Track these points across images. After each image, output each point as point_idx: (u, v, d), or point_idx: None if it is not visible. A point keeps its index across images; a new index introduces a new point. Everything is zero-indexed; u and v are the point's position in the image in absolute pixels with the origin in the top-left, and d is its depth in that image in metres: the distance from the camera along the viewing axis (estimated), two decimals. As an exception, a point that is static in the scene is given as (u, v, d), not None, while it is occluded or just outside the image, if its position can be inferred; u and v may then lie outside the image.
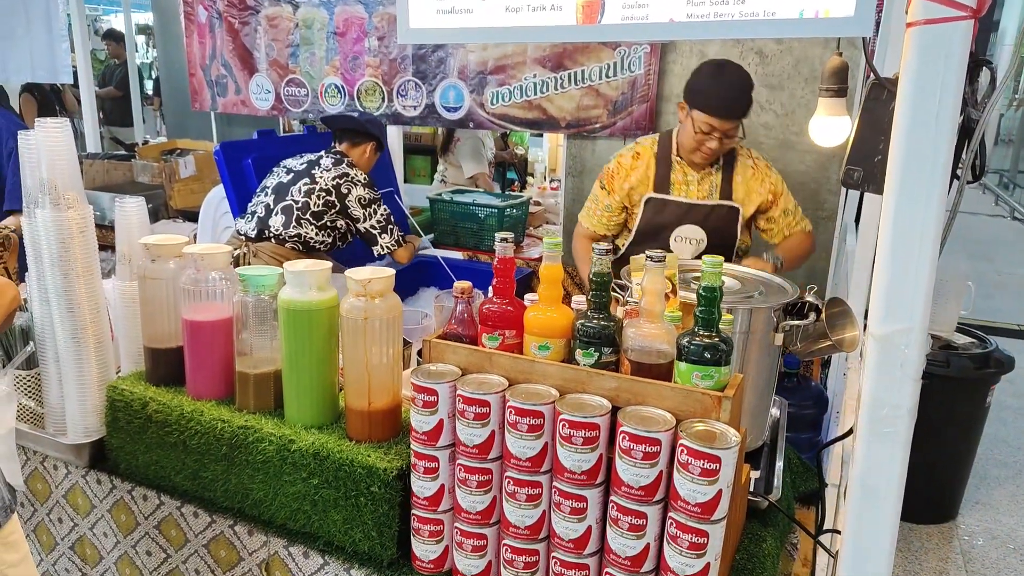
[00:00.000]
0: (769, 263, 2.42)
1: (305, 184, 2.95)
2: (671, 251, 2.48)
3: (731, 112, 2.38)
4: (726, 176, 2.57)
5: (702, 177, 2.57)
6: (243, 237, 3.03)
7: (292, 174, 3.02)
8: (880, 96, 1.16)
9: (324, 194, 2.94)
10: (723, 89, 2.38)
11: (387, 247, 3.02)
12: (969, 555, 3.14)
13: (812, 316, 1.55)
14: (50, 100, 6.71)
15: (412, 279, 3.75)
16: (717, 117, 2.38)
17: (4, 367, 1.75)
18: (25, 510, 1.91)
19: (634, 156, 2.62)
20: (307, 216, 2.93)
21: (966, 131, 1.02)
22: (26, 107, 6.34)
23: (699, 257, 2.48)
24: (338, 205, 2.97)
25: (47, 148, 1.55)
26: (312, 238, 2.95)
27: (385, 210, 3.05)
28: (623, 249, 2.67)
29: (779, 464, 1.64)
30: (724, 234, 2.57)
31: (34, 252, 1.63)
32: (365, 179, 3.02)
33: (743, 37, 2.84)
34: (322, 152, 3.10)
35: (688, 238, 2.56)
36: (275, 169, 3.13)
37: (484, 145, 5.38)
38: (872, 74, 1.21)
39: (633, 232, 2.63)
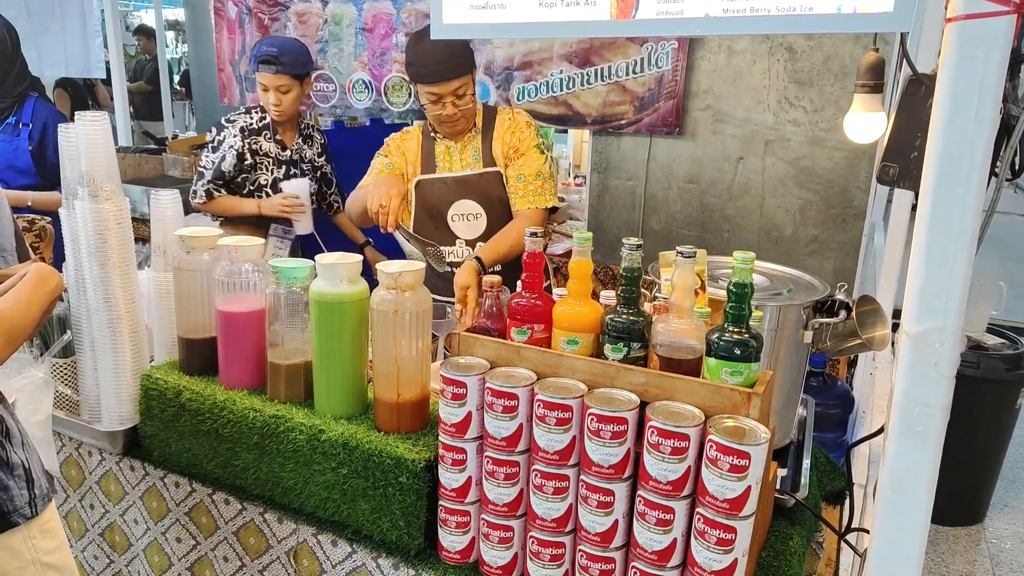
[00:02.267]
0: (471, 263, 2.21)
1: None
2: (453, 233, 2.40)
3: (443, 74, 2.21)
4: (486, 138, 2.39)
5: (463, 145, 2.41)
6: None
7: None
8: (918, 92, 1.14)
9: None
10: (424, 54, 2.22)
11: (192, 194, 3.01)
12: (997, 558, 3.10)
13: (842, 314, 1.54)
14: (82, 95, 6.82)
15: (432, 274, 3.75)
16: (433, 83, 2.23)
17: (42, 355, 1.79)
18: (58, 497, 1.95)
19: (404, 133, 2.51)
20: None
21: (1005, 128, 1.01)
22: (59, 101, 6.44)
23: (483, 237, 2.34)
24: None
25: (86, 141, 1.58)
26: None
27: (205, 157, 3.03)
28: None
29: (806, 462, 1.64)
30: (502, 202, 2.39)
31: (72, 243, 1.66)
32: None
33: (779, 32, 2.81)
34: None
35: (465, 214, 2.41)
36: None
37: None
38: (910, 70, 1.20)
39: (412, 218, 2.47)
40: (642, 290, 1.28)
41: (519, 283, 1.35)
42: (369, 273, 1.46)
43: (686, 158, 3.53)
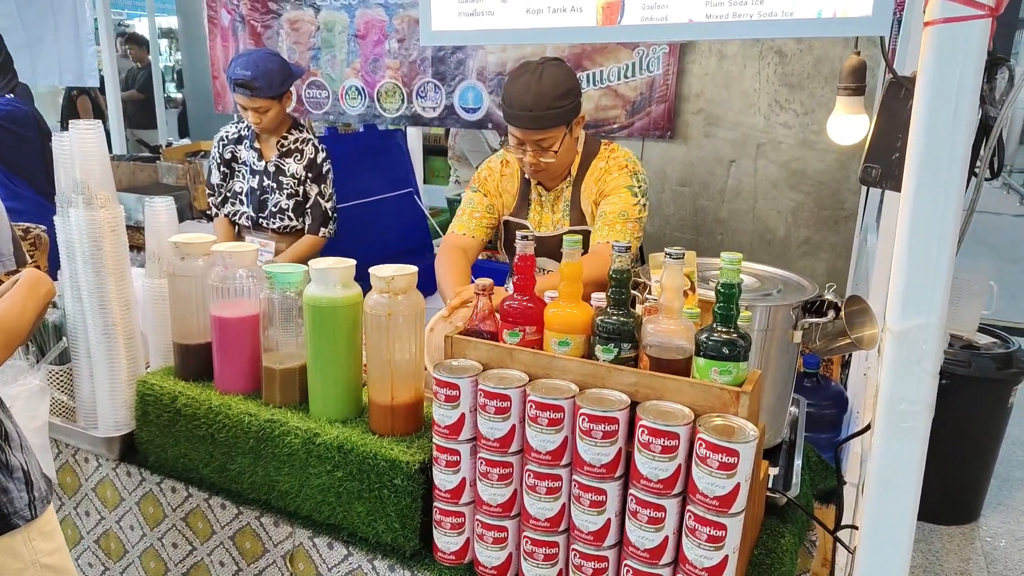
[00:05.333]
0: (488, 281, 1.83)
1: None
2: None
3: (526, 121, 1.98)
4: (576, 189, 2.16)
5: (555, 198, 2.20)
6: None
7: None
8: (898, 94, 1.16)
9: None
10: (518, 94, 1.99)
11: None
12: (992, 556, 3.12)
13: (831, 314, 1.55)
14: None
15: (429, 278, 3.76)
16: (516, 127, 2.01)
17: (38, 362, 1.79)
18: (54, 503, 1.95)
19: (503, 163, 2.29)
20: None
21: (984, 129, 1.02)
22: (82, 107, 6.50)
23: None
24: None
25: (80, 149, 1.59)
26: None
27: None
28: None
29: (798, 461, 1.65)
30: None
31: (67, 250, 1.67)
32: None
33: (761, 37, 2.84)
34: None
35: (545, 269, 2.23)
36: None
37: (483, 139, 5.35)
38: (891, 72, 1.22)
39: (500, 252, 2.37)
40: (632, 292, 1.30)
41: (511, 284, 1.36)
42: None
43: (678, 161, 3.56)
